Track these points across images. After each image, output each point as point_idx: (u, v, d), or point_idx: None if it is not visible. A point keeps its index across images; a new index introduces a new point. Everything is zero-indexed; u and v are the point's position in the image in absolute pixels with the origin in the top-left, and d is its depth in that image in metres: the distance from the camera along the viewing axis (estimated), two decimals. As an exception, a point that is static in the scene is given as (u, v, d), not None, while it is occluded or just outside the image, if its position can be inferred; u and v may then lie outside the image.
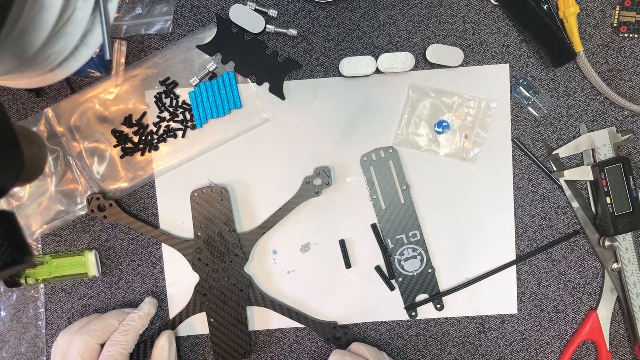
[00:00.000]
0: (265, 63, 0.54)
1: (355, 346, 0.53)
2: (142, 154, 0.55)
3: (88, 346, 0.49)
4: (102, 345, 0.50)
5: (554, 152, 0.55)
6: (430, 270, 0.56)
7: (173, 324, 0.55)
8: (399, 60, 0.53)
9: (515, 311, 0.57)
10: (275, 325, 0.56)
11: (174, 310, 0.56)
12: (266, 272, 0.56)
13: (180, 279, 0.56)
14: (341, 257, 0.56)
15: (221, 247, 0.54)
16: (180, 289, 0.56)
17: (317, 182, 0.54)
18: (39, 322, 0.56)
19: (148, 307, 0.53)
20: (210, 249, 0.54)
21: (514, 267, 0.56)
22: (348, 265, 0.55)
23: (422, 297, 0.56)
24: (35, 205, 0.55)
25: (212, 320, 0.55)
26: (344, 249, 0.55)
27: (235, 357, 0.55)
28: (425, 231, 0.56)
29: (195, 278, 0.55)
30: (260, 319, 0.56)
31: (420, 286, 0.56)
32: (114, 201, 0.54)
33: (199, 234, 0.54)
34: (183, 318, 0.55)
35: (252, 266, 0.56)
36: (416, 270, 0.55)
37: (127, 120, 0.54)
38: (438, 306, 0.56)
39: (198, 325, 0.56)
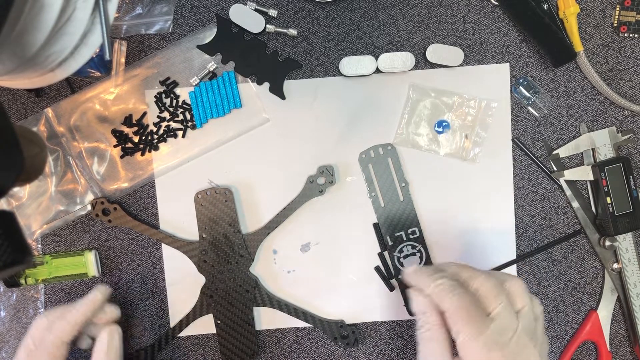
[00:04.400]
0: (265, 63, 0.54)
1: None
2: (142, 154, 0.55)
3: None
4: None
5: (554, 152, 0.55)
6: (430, 270, 0.56)
7: (180, 327, 0.55)
8: (399, 60, 0.53)
9: (515, 311, 0.56)
10: (281, 325, 0.56)
11: (174, 311, 0.56)
12: (268, 272, 0.56)
13: (180, 279, 0.56)
14: (341, 257, 0.56)
15: (226, 249, 0.54)
16: (180, 289, 0.56)
17: (320, 181, 0.54)
18: (39, 322, 0.56)
19: (94, 294, 0.49)
20: (216, 251, 0.54)
21: (514, 267, 0.56)
22: (384, 248, 0.55)
23: (422, 297, 0.56)
24: (35, 205, 0.55)
25: (219, 322, 0.55)
26: (379, 233, 0.55)
27: (242, 357, 0.55)
28: (425, 229, 0.56)
29: (195, 277, 0.55)
30: (266, 319, 0.56)
31: (421, 286, 0.56)
32: (118, 205, 0.54)
33: (204, 235, 0.54)
34: (190, 320, 0.55)
35: (258, 267, 0.56)
36: (416, 270, 0.55)
37: (127, 120, 0.54)
38: (438, 306, 0.56)
39: (202, 325, 0.56)
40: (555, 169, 0.56)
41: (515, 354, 0.37)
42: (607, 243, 0.55)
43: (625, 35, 0.55)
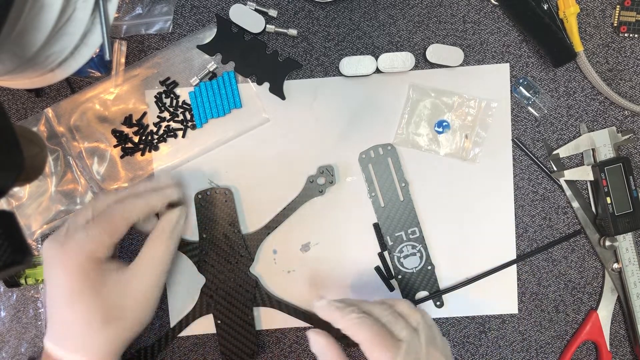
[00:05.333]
0: (265, 63, 0.54)
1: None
2: (142, 154, 0.55)
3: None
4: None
5: (554, 152, 0.55)
6: (429, 268, 0.56)
7: (180, 327, 0.55)
8: (399, 60, 0.53)
9: (515, 311, 0.56)
10: (281, 325, 0.56)
11: (174, 311, 0.56)
12: (268, 272, 0.56)
13: (180, 279, 0.56)
14: (341, 257, 0.56)
15: (226, 249, 0.54)
16: (180, 289, 0.56)
17: (320, 181, 0.54)
18: (39, 322, 0.56)
19: (170, 191, 0.48)
20: (216, 250, 0.54)
21: (514, 267, 0.56)
22: (384, 248, 0.55)
23: (422, 294, 0.56)
24: (35, 205, 0.55)
25: (219, 322, 0.55)
26: (379, 233, 0.55)
27: (242, 358, 0.54)
28: (425, 229, 0.56)
29: (195, 277, 0.55)
30: (266, 319, 0.56)
31: (420, 283, 0.56)
32: None
33: (204, 235, 0.54)
34: (190, 320, 0.55)
35: (258, 267, 0.56)
36: (416, 268, 0.55)
37: (127, 120, 0.54)
38: (438, 303, 0.56)
39: (202, 325, 0.56)
40: (555, 169, 0.56)
41: None
42: (607, 243, 0.55)
43: (625, 35, 0.55)
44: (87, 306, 0.43)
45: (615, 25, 0.55)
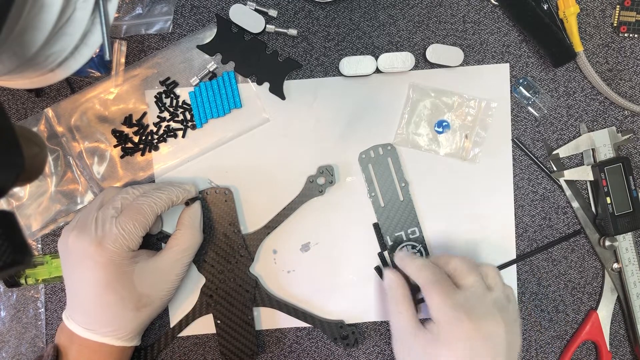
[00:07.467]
0: (265, 63, 0.54)
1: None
2: (143, 154, 0.55)
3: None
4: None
5: (554, 152, 0.55)
6: (430, 270, 0.56)
7: (180, 327, 0.55)
8: (399, 60, 0.53)
9: (515, 311, 0.56)
10: (281, 325, 0.56)
11: (174, 311, 0.56)
12: (268, 272, 0.56)
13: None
14: (341, 257, 0.56)
15: (226, 248, 0.54)
16: (180, 289, 0.56)
17: (320, 181, 0.54)
18: (39, 323, 0.56)
19: (189, 186, 0.52)
20: (216, 250, 0.54)
21: (514, 267, 0.56)
22: (384, 248, 0.55)
23: (422, 294, 0.56)
24: (35, 205, 0.55)
25: (218, 322, 0.55)
26: (379, 233, 0.55)
27: (242, 358, 0.54)
28: (425, 229, 0.56)
29: (195, 277, 0.55)
30: (266, 319, 0.56)
31: (421, 286, 0.56)
32: None
33: (204, 235, 0.54)
34: (190, 320, 0.55)
35: (257, 267, 0.56)
36: (416, 270, 0.55)
37: (127, 120, 0.54)
38: (438, 306, 0.56)
39: (202, 325, 0.56)
40: (555, 169, 0.56)
41: (481, 319, 0.42)
42: (607, 243, 0.55)
43: (625, 35, 0.55)
44: (120, 297, 0.46)
45: (615, 25, 0.55)
